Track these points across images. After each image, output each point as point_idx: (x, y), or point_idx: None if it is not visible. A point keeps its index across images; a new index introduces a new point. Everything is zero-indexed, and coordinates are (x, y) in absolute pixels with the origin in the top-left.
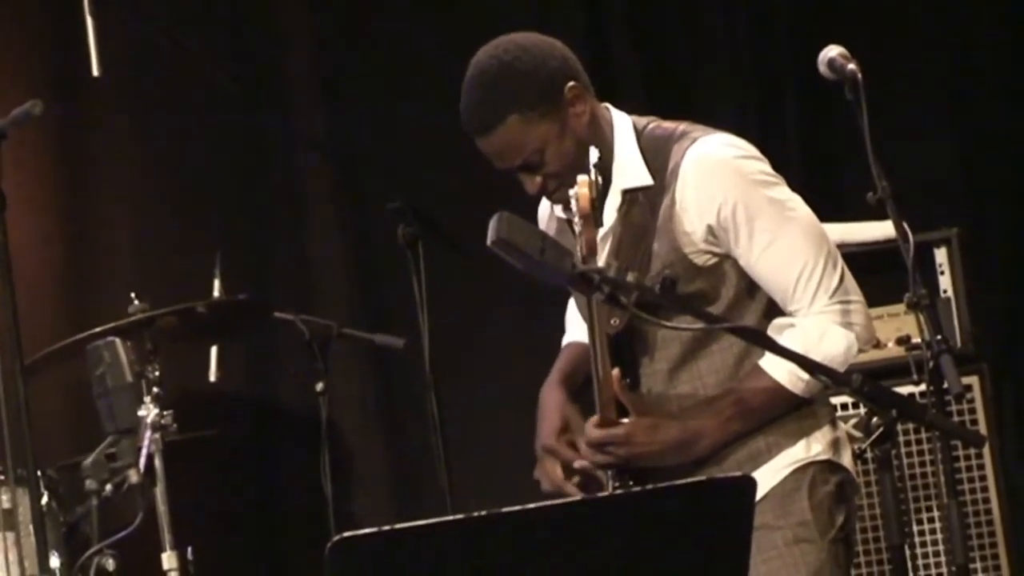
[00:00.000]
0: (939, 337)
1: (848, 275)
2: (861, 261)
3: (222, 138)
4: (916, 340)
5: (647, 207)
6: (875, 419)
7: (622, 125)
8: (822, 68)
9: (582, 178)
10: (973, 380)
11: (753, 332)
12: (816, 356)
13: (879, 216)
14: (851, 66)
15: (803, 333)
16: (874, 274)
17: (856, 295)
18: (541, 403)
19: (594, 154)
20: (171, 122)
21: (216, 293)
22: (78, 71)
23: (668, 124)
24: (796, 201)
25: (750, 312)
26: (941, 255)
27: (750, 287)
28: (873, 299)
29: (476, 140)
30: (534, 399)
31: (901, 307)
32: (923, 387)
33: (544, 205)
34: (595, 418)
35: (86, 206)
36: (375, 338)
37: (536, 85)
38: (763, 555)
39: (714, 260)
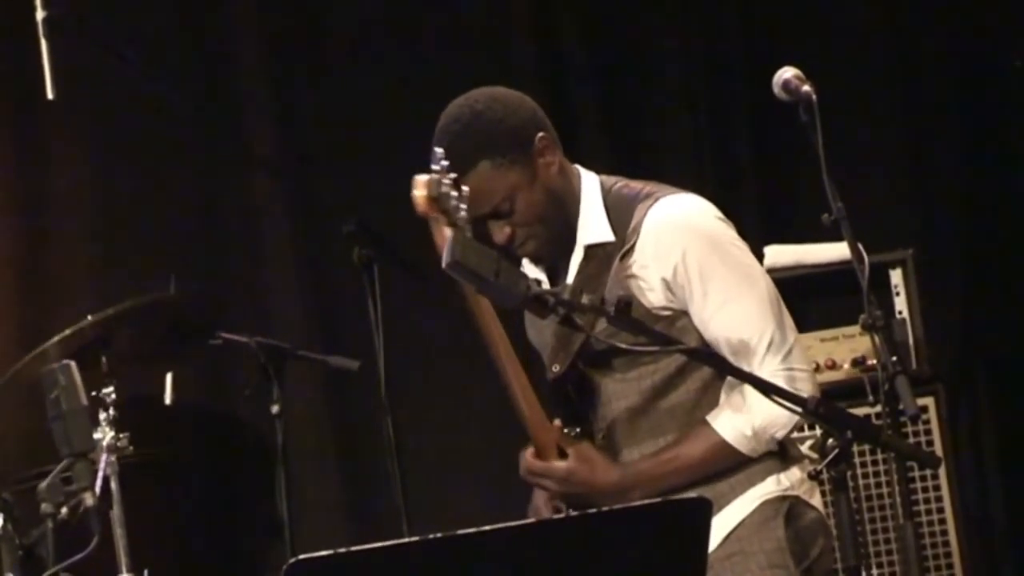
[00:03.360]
0: (894, 358)
1: (799, 345)
2: (816, 282)
3: (176, 161)
4: (871, 361)
5: (604, 259)
6: (830, 440)
7: (590, 183)
8: (777, 90)
9: (418, 178)
10: (928, 401)
11: (709, 354)
12: (760, 416)
13: (834, 237)
14: (806, 87)
15: (751, 392)
16: (829, 295)
17: (805, 364)
18: None
19: (438, 152)
20: (125, 145)
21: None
22: (32, 94)
23: (636, 184)
24: (754, 267)
25: (704, 367)
26: (896, 276)
27: (707, 343)
28: (828, 320)
29: None
30: (489, 421)
31: (856, 328)
32: (878, 408)
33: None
34: (531, 449)
35: (39, 229)
36: (330, 360)
37: (507, 133)
38: None
39: (670, 313)
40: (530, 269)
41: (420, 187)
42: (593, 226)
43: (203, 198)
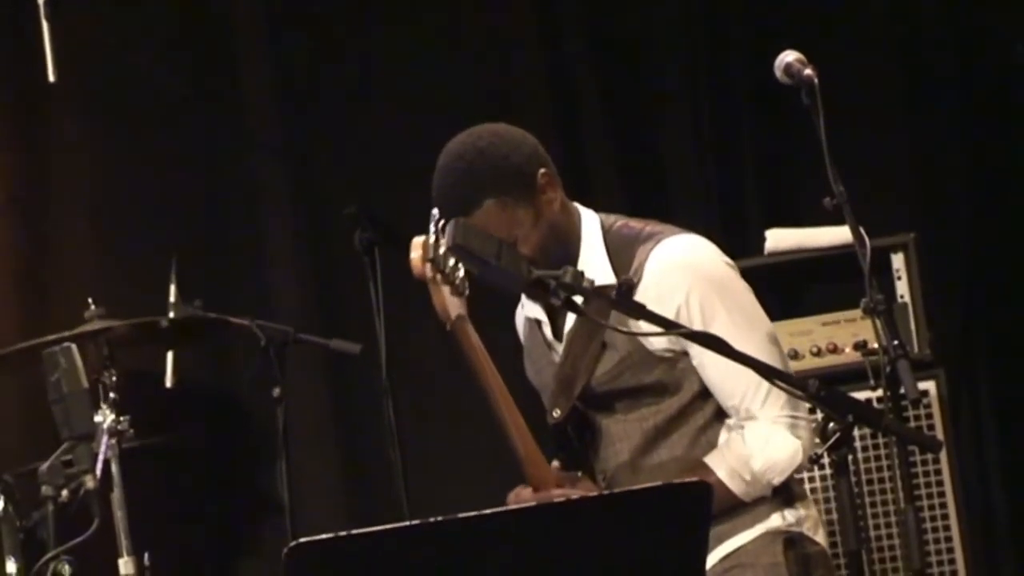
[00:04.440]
0: (896, 342)
1: None
2: (818, 266)
3: (178, 143)
4: (873, 345)
5: (605, 303)
6: (832, 424)
7: (590, 222)
8: (778, 73)
9: (416, 240)
10: (930, 385)
11: (715, 339)
12: (759, 460)
13: (836, 221)
14: (808, 71)
15: (751, 435)
16: (831, 279)
17: (803, 411)
18: None
19: (435, 214)
20: (127, 128)
21: (172, 298)
22: (34, 77)
23: (636, 224)
24: (756, 311)
25: (709, 405)
26: (898, 260)
27: (706, 387)
28: (830, 304)
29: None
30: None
31: (858, 312)
32: (880, 392)
33: (519, 312)
34: (528, 488)
35: (42, 212)
36: (331, 344)
37: (511, 170)
38: None
39: (672, 356)
40: (531, 308)
41: (416, 248)
42: (594, 267)
43: (205, 181)
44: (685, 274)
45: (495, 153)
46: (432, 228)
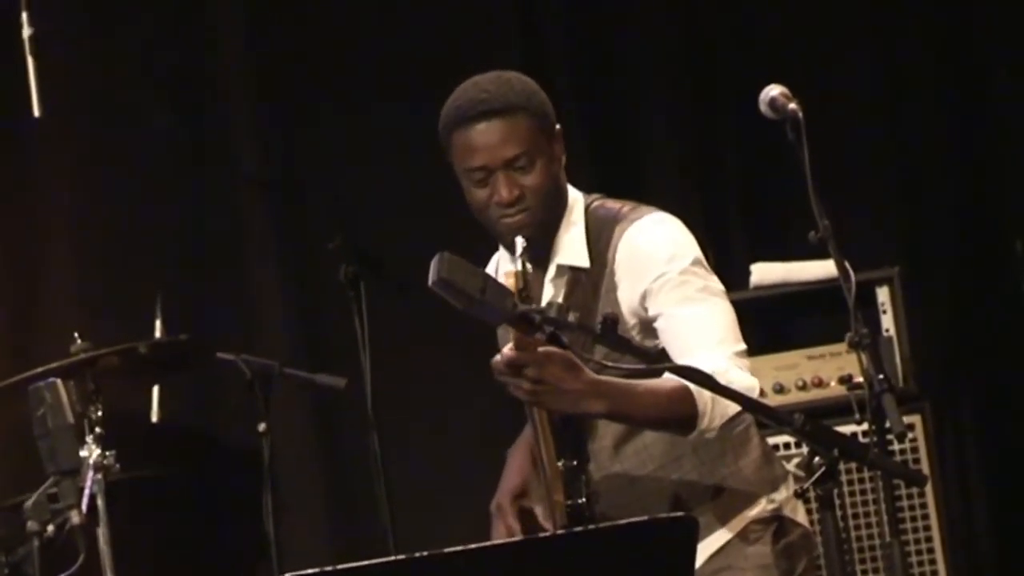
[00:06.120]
0: (881, 376)
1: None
2: (803, 300)
3: (163, 178)
4: (858, 379)
5: (588, 288)
6: (817, 458)
7: (576, 199)
8: (763, 107)
9: (507, 269)
10: (915, 419)
11: (697, 372)
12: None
13: (821, 255)
14: (792, 105)
15: (711, 368)
16: (816, 313)
17: (748, 370)
18: (507, 462)
19: (520, 243)
20: (112, 162)
21: (157, 333)
22: (19, 111)
23: (612, 204)
24: (721, 292)
25: None
26: (883, 294)
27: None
28: (815, 338)
29: (476, 125)
30: (475, 438)
31: (843, 346)
32: (865, 426)
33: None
34: (512, 344)
35: (28, 246)
36: (317, 378)
37: (543, 104)
38: None
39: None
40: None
41: (510, 277)
42: (572, 247)
43: (191, 215)
44: (653, 252)
45: (531, 84)
46: (519, 259)
